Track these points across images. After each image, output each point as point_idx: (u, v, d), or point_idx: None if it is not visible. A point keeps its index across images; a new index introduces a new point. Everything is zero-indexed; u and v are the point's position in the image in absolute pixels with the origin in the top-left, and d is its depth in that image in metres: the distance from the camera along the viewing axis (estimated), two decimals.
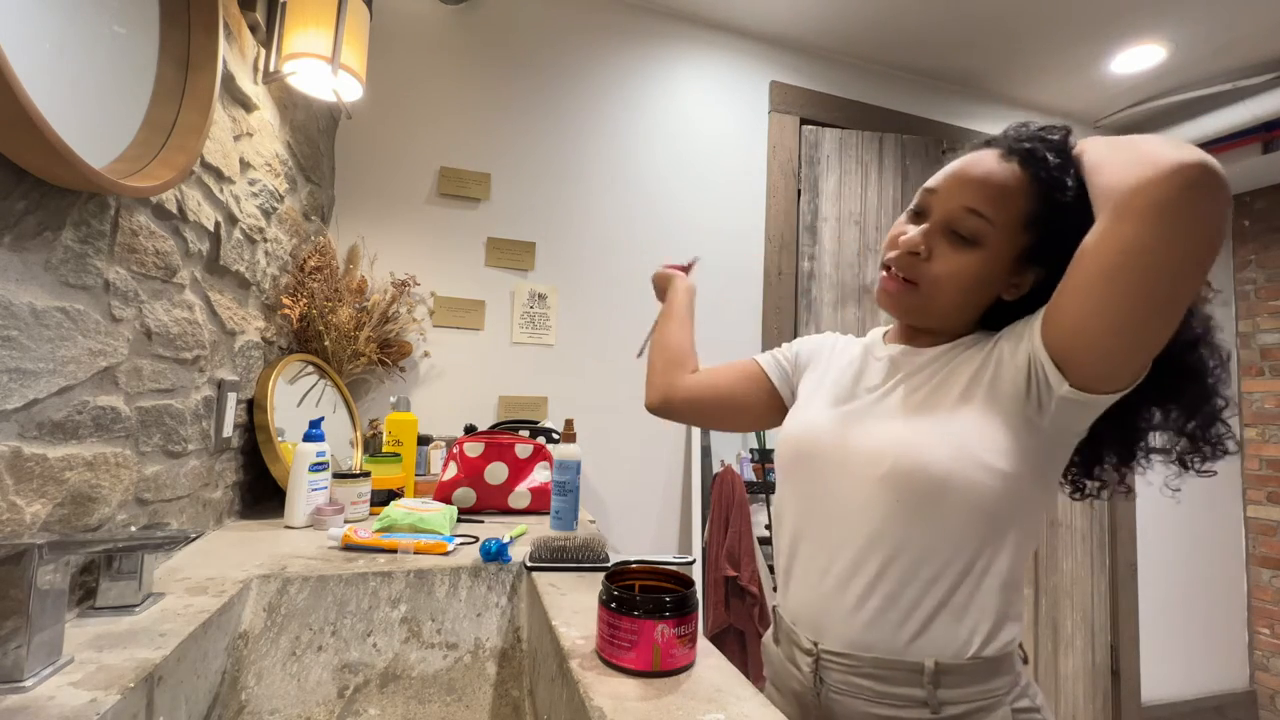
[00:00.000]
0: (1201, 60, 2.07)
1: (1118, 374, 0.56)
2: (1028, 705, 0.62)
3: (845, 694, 0.64)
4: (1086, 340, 0.55)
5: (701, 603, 1.67)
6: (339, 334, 1.37)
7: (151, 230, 0.75)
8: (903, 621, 0.62)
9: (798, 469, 0.72)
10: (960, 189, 0.64)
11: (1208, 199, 0.49)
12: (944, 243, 0.65)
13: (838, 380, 0.75)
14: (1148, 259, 0.51)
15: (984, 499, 0.59)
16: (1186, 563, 2.56)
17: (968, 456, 0.60)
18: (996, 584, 0.61)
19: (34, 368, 0.58)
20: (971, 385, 0.63)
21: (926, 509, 0.61)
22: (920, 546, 0.61)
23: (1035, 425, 0.60)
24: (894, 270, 0.67)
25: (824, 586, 0.66)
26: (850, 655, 0.63)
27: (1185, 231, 0.50)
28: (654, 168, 1.91)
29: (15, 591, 0.48)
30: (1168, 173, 0.49)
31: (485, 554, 0.88)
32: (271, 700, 0.73)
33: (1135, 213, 0.51)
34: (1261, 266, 2.72)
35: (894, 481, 0.62)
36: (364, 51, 1.21)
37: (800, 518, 0.71)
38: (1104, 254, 0.53)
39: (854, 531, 0.64)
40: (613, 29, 1.90)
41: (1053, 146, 0.63)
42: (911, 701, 0.61)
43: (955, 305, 0.66)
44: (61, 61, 0.59)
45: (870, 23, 1.98)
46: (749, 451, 1.87)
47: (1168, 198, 0.49)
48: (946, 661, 0.60)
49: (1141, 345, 0.54)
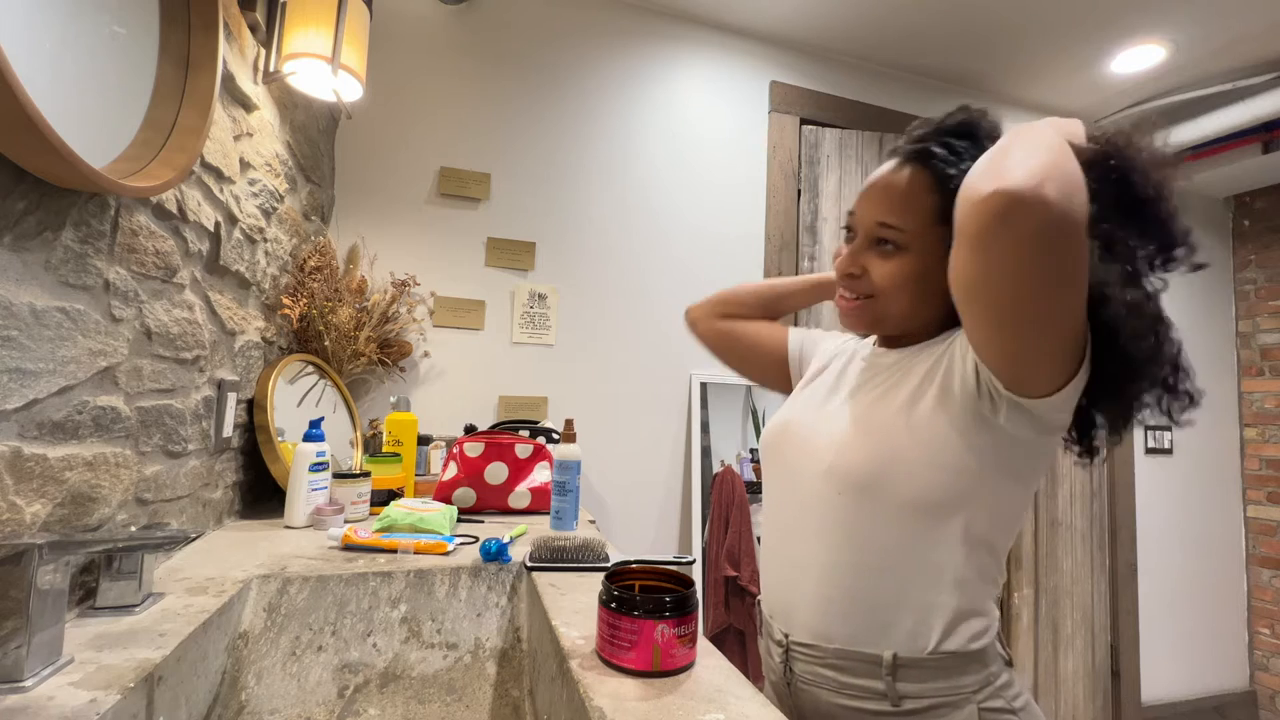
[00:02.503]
0: (1201, 60, 2.07)
1: (1026, 381, 0.55)
2: (1001, 706, 0.61)
3: (812, 684, 0.66)
4: (982, 355, 0.57)
5: (701, 603, 1.67)
6: (339, 334, 1.37)
7: (151, 230, 0.75)
8: (861, 613, 0.63)
9: (770, 465, 0.76)
10: (870, 206, 0.68)
11: (1020, 223, 0.47)
12: (873, 256, 0.68)
13: (824, 381, 0.78)
14: (980, 284, 0.52)
15: (923, 494, 0.61)
16: (1186, 563, 2.56)
17: (905, 453, 0.62)
18: (951, 580, 0.61)
19: (34, 368, 0.58)
20: (924, 383, 0.64)
21: (866, 503, 0.63)
22: (867, 539, 0.63)
23: (990, 422, 0.60)
24: (844, 293, 0.71)
25: (790, 578, 0.69)
26: (815, 646, 0.65)
27: (1004, 258, 0.49)
28: (654, 168, 1.91)
29: (15, 591, 0.48)
30: (981, 200, 0.48)
31: (485, 554, 0.88)
32: (271, 700, 0.73)
33: (959, 237, 0.52)
34: (1261, 266, 2.72)
35: (833, 477, 0.65)
36: (364, 51, 1.21)
37: (771, 511, 0.75)
38: (953, 279, 0.54)
39: (809, 525, 0.67)
40: (612, 29, 1.90)
41: (945, 133, 0.65)
42: (872, 693, 0.62)
43: (909, 307, 0.68)
44: (61, 61, 0.59)
45: (870, 22, 1.98)
46: (749, 451, 1.87)
47: (980, 226, 0.49)
48: (905, 655, 0.61)
49: (1024, 359, 0.54)
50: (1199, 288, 2.71)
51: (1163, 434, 2.54)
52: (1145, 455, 2.51)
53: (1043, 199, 0.46)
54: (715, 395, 1.88)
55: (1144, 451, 2.51)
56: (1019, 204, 0.46)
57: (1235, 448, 2.73)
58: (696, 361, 1.88)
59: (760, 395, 1.92)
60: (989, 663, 0.63)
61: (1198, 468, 2.63)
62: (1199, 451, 2.64)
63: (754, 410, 1.90)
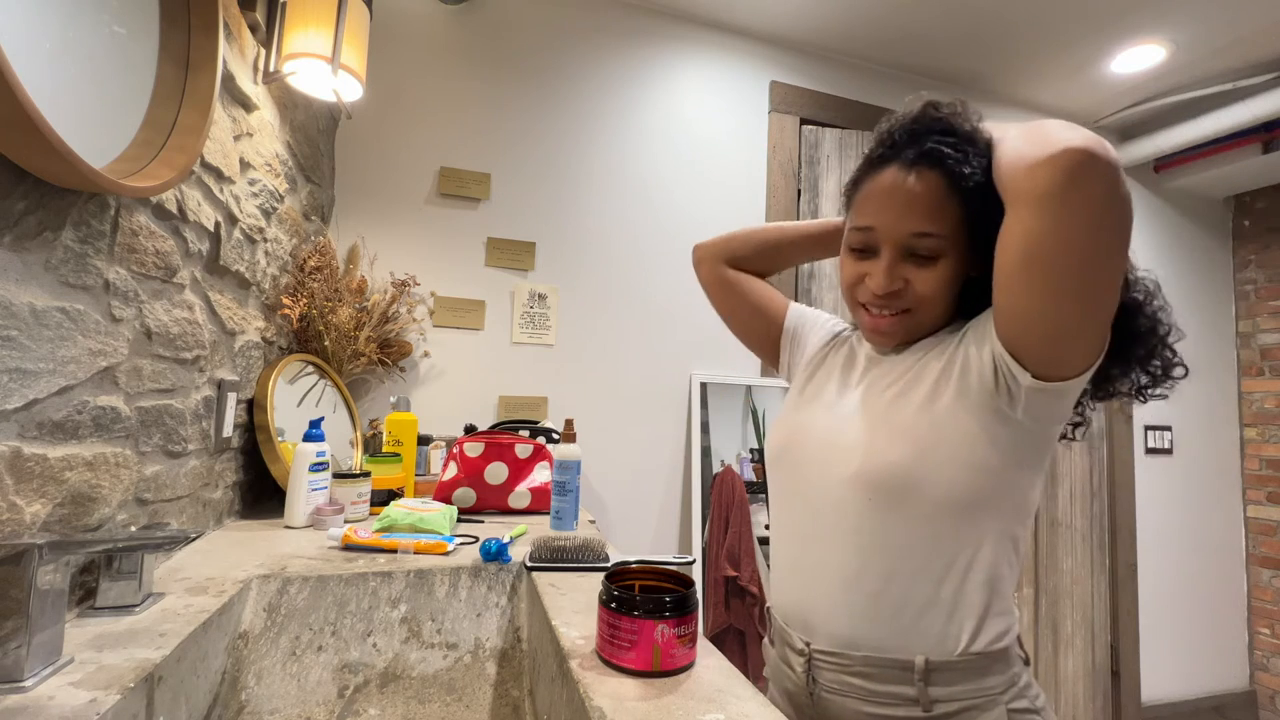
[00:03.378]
0: (1201, 60, 2.07)
1: (1064, 360, 0.56)
2: (1025, 706, 0.61)
3: (838, 693, 0.64)
4: (1024, 332, 0.57)
5: (701, 603, 1.67)
6: (339, 334, 1.37)
7: (151, 230, 0.75)
8: (889, 618, 0.62)
9: (782, 469, 0.74)
10: (900, 219, 0.64)
11: (1093, 181, 0.49)
12: (911, 267, 0.65)
13: (829, 378, 0.77)
14: (1049, 247, 0.52)
15: (953, 494, 0.60)
16: (1186, 563, 2.56)
17: (934, 453, 0.61)
18: (981, 578, 0.61)
19: (34, 368, 0.58)
20: (941, 381, 0.64)
21: (897, 506, 0.62)
22: (897, 543, 0.62)
23: (1007, 417, 0.60)
24: (880, 311, 0.68)
25: (811, 585, 0.67)
26: (840, 654, 0.64)
27: (1076, 216, 0.50)
28: (654, 167, 1.91)
29: (15, 591, 0.48)
30: (1048, 159, 0.50)
31: (485, 554, 0.88)
32: (271, 700, 0.73)
33: (1027, 203, 0.52)
34: (1261, 266, 2.72)
35: (863, 480, 0.63)
36: (364, 51, 1.21)
37: (786, 517, 0.72)
38: (1011, 247, 0.55)
39: (833, 530, 0.65)
40: (613, 29, 1.90)
41: (935, 130, 0.64)
42: (903, 700, 0.61)
43: (945, 312, 0.68)
44: (61, 61, 0.59)
45: (870, 22, 1.98)
46: (749, 451, 1.87)
47: (1052, 184, 0.50)
48: (937, 659, 0.60)
49: (1075, 331, 0.55)
50: (1199, 288, 2.71)
51: (1163, 434, 2.54)
52: (1145, 455, 2.51)
53: (1112, 158, 0.49)
54: (715, 395, 1.88)
55: (1144, 451, 2.51)
56: (1093, 160, 0.48)
57: (1235, 448, 2.73)
58: (696, 361, 1.88)
59: (760, 395, 1.92)
60: (1012, 663, 0.62)
61: (1198, 468, 2.63)
62: (1199, 451, 2.64)
63: (754, 410, 1.90)
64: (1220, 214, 2.82)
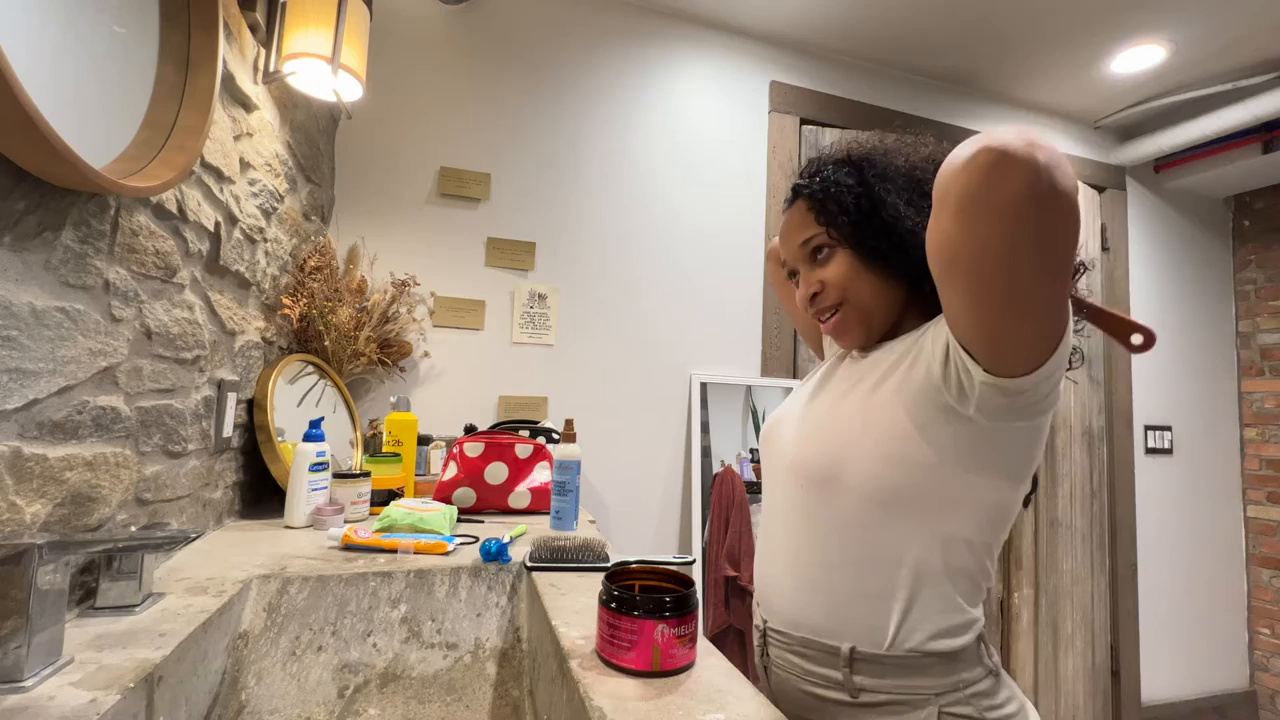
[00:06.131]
0: (1201, 60, 2.07)
1: (1008, 361, 0.53)
2: (967, 713, 0.59)
3: (782, 670, 0.68)
4: (962, 332, 0.56)
5: (701, 603, 1.67)
6: (339, 334, 1.37)
7: (151, 230, 0.75)
8: (823, 604, 0.65)
9: (762, 461, 0.81)
10: (788, 242, 0.75)
11: (1006, 182, 0.46)
12: (818, 269, 0.72)
13: (814, 379, 0.81)
14: (967, 252, 0.50)
15: (871, 486, 0.62)
16: (1186, 563, 2.56)
17: (856, 446, 0.63)
18: (911, 574, 0.61)
19: (34, 368, 0.57)
20: (887, 375, 0.65)
21: (825, 496, 0.65)
22: (828, 531, 0.65)
23: (957, 414, 0.58)
24: (822, 316, 0.74)
25: (768, 565, 0.72)
26: (785, 633, 0.68)
27: (991, 218, 0.48)
28: (654, 167, 1.91)
29: (15, 591, 0.48)
30: (964, 162, 0.48)
31: (485, 554, 0.88)
32: (271, 700, 0.73)
33: (943, 205, 0.51)
34: (1261, 266, 2.72)
35: (795, 470, 0.69)
36: (364, 51, 1.21)
37: (764, 501, 0.78)
38: (931, 250, 0.54)
39: (784, 515, 0.71)
40: (612, 29, 1.90)
41: (818, 168, 0.74)
42: (832, 683, 0.63)
43: (878, 295, 0.69)
44: (61, 61, 0.59)
45: (871, 22, 1.98)
46: (749, 451, 1.87)
47: (965, 186, 0.48)
48: (865, 649, 0.62)
49: (1011, 336, 0.53)
50: (1199, 288, 2.71)
51: (1163, 434, 2.54)
52: (1145, 455, 2.51)
53: (1033, 159, 0.46)
54: (715, 395, 1.88)
55: (1144, 451, 2.51)
56: (1007, 160, 0.46)
57: (1235, 448, 2.73)
58: (696, 361, 1.88)
59: (760, 395, 1.92)
60: (961, 668, 0.60)
61: (1198, 468, 2.63)
62: (1199, 451, 2.64)
63: (754, 410, 1.90)
64: (1220, 214, 2.82)
